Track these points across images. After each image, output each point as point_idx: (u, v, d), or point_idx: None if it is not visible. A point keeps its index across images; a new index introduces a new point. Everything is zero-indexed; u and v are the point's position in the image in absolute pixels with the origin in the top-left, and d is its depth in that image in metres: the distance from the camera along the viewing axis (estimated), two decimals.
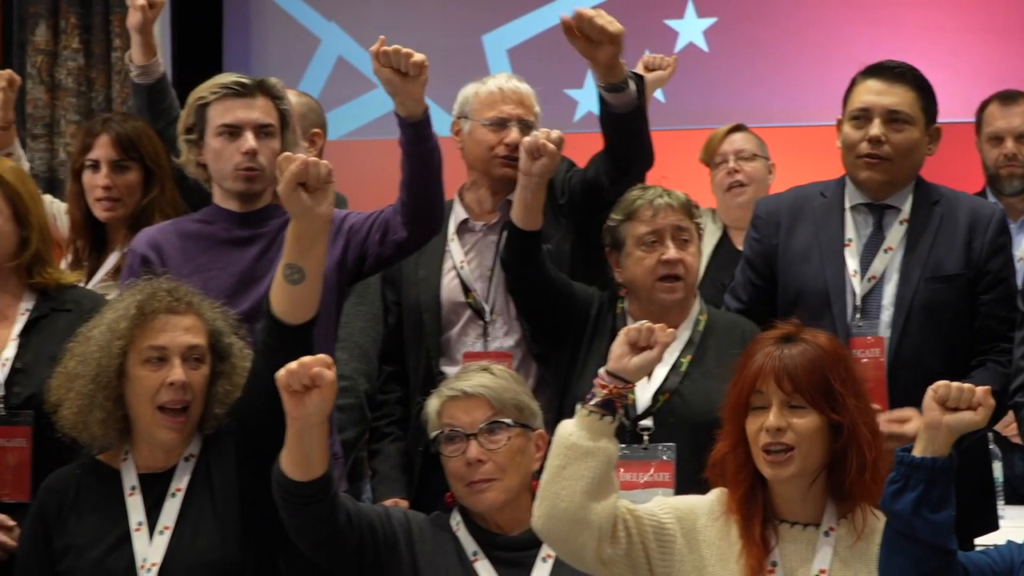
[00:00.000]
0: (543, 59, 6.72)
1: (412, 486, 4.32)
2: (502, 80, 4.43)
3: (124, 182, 4.42)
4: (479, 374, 3.44)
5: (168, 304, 3.41)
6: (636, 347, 3.11)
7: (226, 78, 3.93)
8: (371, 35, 6.87)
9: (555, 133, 4.00)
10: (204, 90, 3.93)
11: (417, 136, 3.76)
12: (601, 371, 3.11)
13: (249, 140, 3.85)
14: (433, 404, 3.43)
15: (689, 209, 4.03)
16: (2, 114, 4.83)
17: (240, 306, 3.67)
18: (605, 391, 3.07)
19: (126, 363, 3.38)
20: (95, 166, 4.43)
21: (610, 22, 3.94)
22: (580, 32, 3.96)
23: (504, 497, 3.34)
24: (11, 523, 3.77)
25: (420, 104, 3.74)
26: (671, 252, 3.95)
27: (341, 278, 3.87)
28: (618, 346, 3.13)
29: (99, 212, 4.44)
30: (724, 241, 5.26)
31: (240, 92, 3.88)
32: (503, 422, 3.37)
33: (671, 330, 3.18)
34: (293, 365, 3.04)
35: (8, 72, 4.87)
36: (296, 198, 3.25)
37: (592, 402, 3.07)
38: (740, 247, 5.00)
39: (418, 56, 3.67)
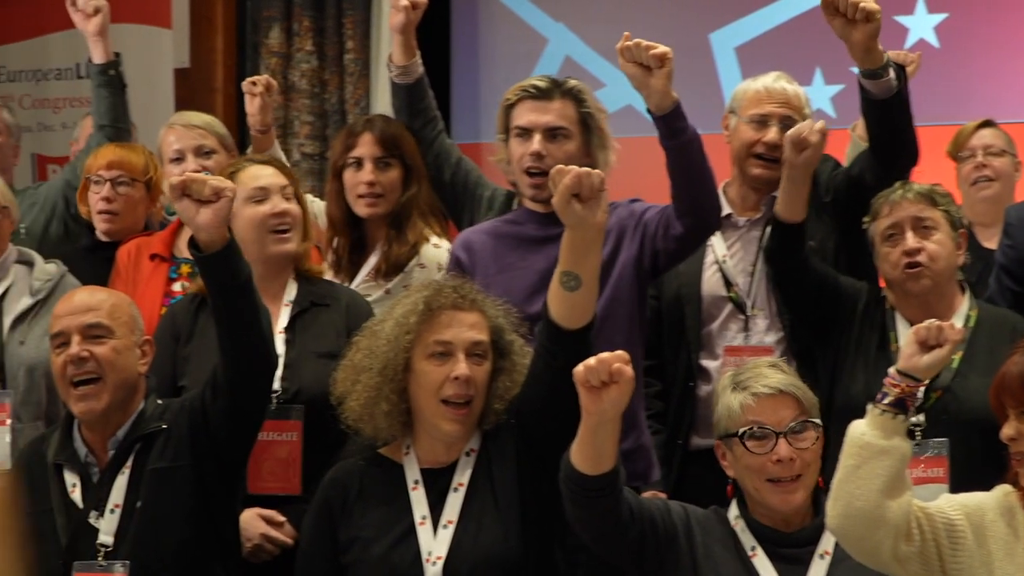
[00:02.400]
0: (771, 57, 6.65)
1: (671, 479, 4.32)
2: (770, 79, 4.42)
3: (387, 179, 4.48)
4: (776, 372, 3.43)
5: (454, 300, 3.47)
6: (926, 346, 3.11)
7: (527, 81, 4.00)
8: (598, 35, 7.03)
9: (819, 124, 4.01)
10: (510, 92, 4.02)
11: (669, 129, 3.78)
12: (891, 370, 3.11)
13: (534, 143, 3.92)
14: (735, 399, 3.39)
15: (931, 198, 3.99)
16: (260, 118, 4.95)
17: (539, 304, 3.65)
18: (897, 390, 3.07)
19: (412, 357, 3.45)
20: (358, 163, 4.49)
21: (867, 0, 3.91)
22: (838, 10, 3.94)
23: (805, 496, 3.33)
24: (281, 518, 3.88)
25: (667, 97, 3.75)
26: (909, 242, 3.94)
27: (639, 274, 3.91)
28: (908, 345, 3.13)
29: (361, 209, 4.50)
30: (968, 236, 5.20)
31: (535, 95, 3.95)
32: (812, 421, 3.36)
33: (960, 327, 3.19)
34: (592, 361, 3.06)
35: (265, 77, 4.98)
36: (570, 209, 3.28)
37: (884, 401, 3.07)
38: (984, 243, 4.96)
39: (660, 48, 3.69)
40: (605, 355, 3.07)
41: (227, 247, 3.45)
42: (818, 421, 3.36)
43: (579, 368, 3.07)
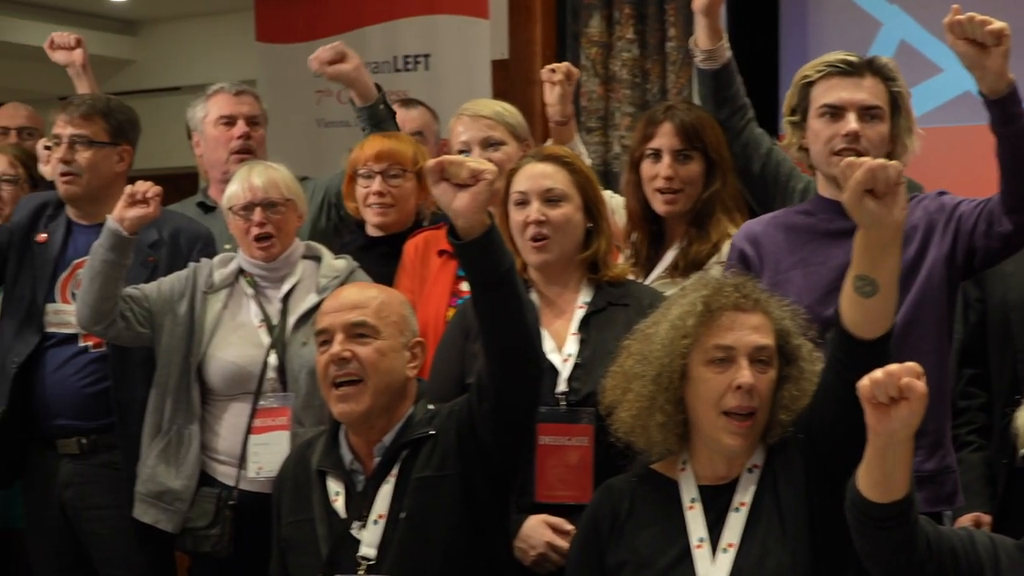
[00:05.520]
0: None
1: (996, 501, 4.00)
2: None
3: (686, 172, 4.23)
4: None
5: (735, 301, 3.18)
6: None
7: (833, 56, 3.73)
8: (936, 17, 6.48)
9: None
10: (810, 68, 3.75)
11: (1003, 115, 3.43)
12: None
13: (850, 122, 3.63)
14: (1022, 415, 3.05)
15: None
16: (560, 108, 4.76)
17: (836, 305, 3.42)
18: None
19: (689, 364, 3.17)
20: (656, 155, 4.25)
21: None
22: None
23: None
24: (568, 527, 3.66)
25: (1002, 78, 3.40)
26: None
27: (951, 274, 3.60)
28: None
29: (658, 204, 4.26)
30: None
31: (846, 71, 3.68)
32: None
33: None
34: (878, 374, 2.72)
35: (565, 65, 4.79)
36: (863, 206, 2.94)
37: None
38: None
39: (997, 24, 3.34)
40: (893, 367, 2.72)
41: (486, 235, 3.23)
42: None
43: (864, 382, 2.74)
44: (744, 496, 3.17)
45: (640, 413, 3.20)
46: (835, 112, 3.66)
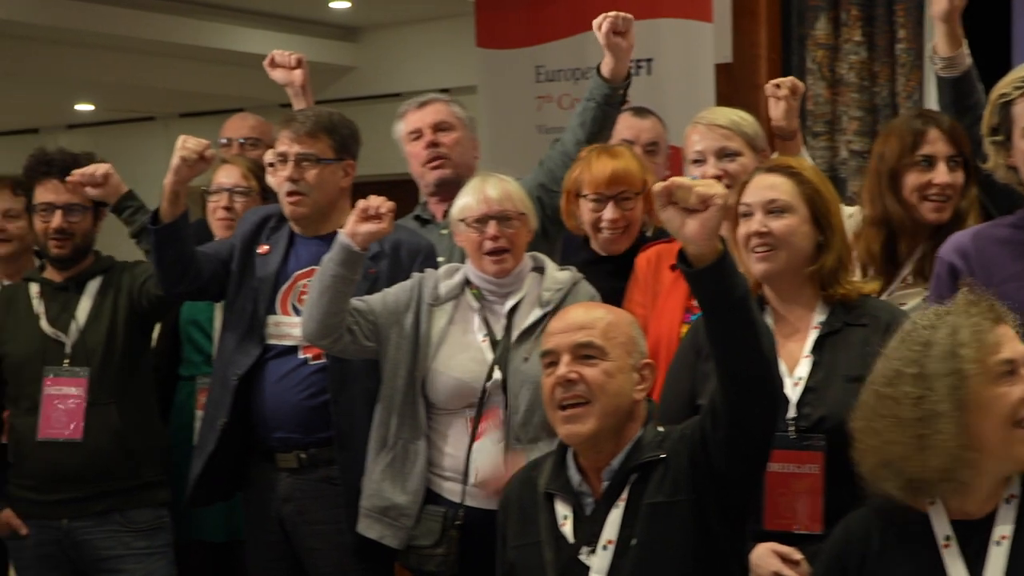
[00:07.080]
0: None
1: None
2: None
3: (955, 179, 4.15)
4: None
5: (996, 315, 2.99)
6: None
7: None
8: None
9: None
10: (1007, 85, 3.58)
11: None
12: None
13: None
14: None
15: None
16: (786, 123, 4.63)
17: None
18: None
19: (966, 392, 2.93)
20: (928, 162, 4.15)
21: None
22: None
23: None
24: (798, 556, 3.51)
25: None
26: None
27: None
28: None
29: (927, 212, 4.16)
30: None
31: None
32: None
33: None
34: None
35: (791, 79, 4.66)
36: None
37: None
38: None
39: None
40: None
41: (719, 262, 3.08)
42: None
43: None
44: (1004, 528, 2.96)
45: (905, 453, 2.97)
46: None
